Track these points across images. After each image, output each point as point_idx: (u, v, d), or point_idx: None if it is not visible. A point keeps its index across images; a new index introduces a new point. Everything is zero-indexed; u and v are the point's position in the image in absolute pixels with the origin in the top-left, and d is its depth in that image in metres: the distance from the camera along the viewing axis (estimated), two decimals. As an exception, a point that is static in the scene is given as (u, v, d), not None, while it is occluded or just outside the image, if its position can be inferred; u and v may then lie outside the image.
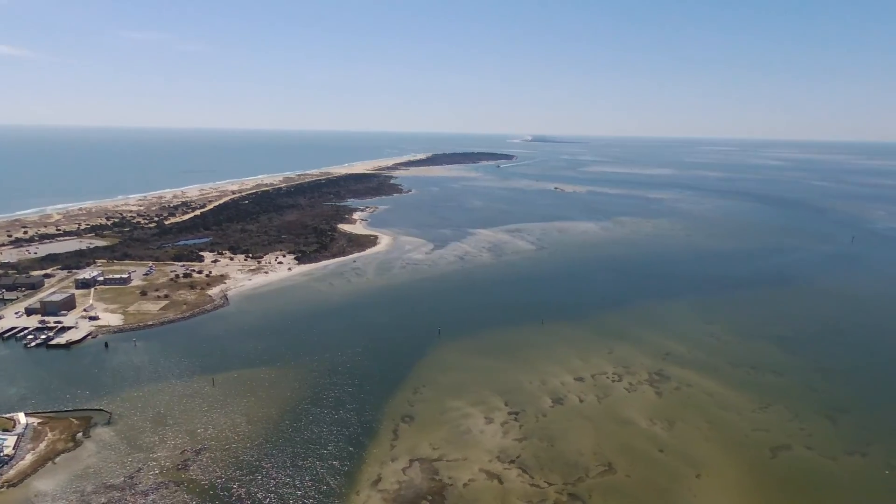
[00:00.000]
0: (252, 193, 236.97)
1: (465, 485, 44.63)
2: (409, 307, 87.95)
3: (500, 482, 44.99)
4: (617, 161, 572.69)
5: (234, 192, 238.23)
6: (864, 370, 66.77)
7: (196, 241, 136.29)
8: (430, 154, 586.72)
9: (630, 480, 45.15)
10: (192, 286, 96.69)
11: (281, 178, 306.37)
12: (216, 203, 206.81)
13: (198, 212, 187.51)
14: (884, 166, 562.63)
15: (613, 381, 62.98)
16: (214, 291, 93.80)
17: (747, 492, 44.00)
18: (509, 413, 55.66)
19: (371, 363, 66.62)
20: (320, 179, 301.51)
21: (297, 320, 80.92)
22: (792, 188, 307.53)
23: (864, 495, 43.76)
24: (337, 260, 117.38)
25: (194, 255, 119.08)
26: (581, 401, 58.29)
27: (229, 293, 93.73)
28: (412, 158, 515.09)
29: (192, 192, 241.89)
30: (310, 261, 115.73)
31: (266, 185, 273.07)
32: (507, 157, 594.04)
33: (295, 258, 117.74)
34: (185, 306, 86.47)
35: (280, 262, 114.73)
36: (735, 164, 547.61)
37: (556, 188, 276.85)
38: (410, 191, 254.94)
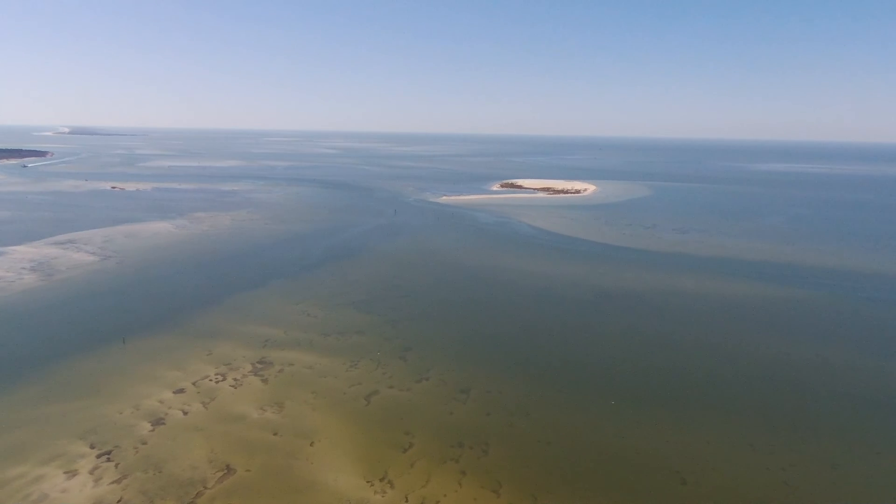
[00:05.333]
0: None
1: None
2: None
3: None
4: (182, 154, 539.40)
5: None
6: (424, 315, 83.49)
7: None
8: None
9: (250, 474, 45.01)
10: None
11: None
12: None
13: None
14: (410, 152, 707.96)
15: (217, 382, 60.78)
16: None
17: (353, 438, 49.94)
18: (98, 456, 47.11)
19: None
20: None
21: None
22: (346, 172, 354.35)
23: (431, 408, 55.42)
24: None
25: None
26: (185, 413, 54.18)
27: None
28: None
29: None
30: None
31: None
32: (39, 153, 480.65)
33: None
34: None
35: None
36: (299, 154, 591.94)
37: (113, 187, 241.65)
38: None
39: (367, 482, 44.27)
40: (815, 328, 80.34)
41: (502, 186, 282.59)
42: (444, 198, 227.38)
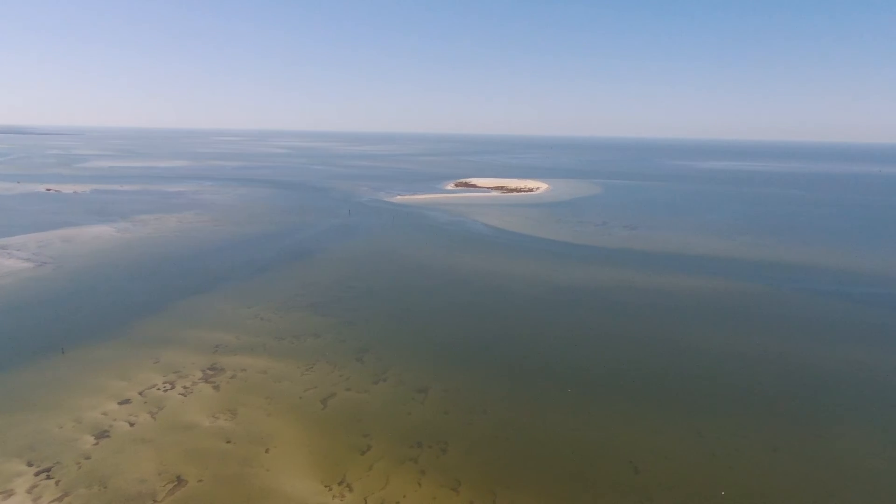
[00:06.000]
0: None
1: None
2: None
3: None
4: (124, 154, 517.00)
5: None
6: (380, 315, 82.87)
7: None
8: None
9: (203, 484, 43.63)
10: None
11: None
12: None
13: None
14: (363, 151, 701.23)
15: (166, 390, 58.57)
16: None
17: (310, 442, 49.14)
18: (37, 473, 44.61)
19: None
20: None
21: None
22: (299, 172, 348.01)
23: (389, 409, 55.12)
24: None
25: None
26: (132, 424, 51.97)
27: None
28: None
29: None
30: None
31: None
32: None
33: None
34: None
35: None
36: (249, 153, 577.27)
37: (48, 189, 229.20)
38: None
39: (325, 487, 43.66)
40: (757, 319, 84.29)
41: (457, 185, 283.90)
42: (399, 197, 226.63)
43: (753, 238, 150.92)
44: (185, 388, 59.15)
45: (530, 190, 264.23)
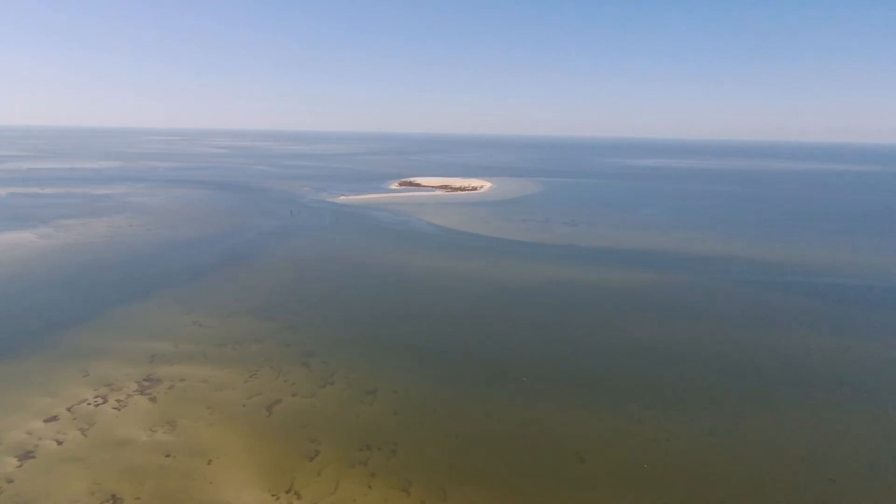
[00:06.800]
0: None
1: None
2: None
3: None
4: (45, 154, 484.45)
5: None
6: (326, 318, 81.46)
7: None
8: None
9: (140, 502, 41.57)
10: None
11: None
12: None
13: None
14: (307, 151, 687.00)
15: (97, 405, 55.42)
16: None
17: (256, 451, 47.74)
18: (-47, 501, 41.28)
19: None
20: None
21: None
22: (237, 173, 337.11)
23: (337, 412, 54.37)
24: None
25: None
26: (60, 443, 48.87)
27: None
28: None
29: None
30: None
31: None
32: None
33: None
34: None
35: None
36: (183, 154, 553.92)
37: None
38: None
39: (273, 496, 42.56)
40: (691, 309, 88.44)
41: (401, 185, 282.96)
42: (342, 197, 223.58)
43: (686, 232, 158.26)
44: (118, 401, 56.19)
45: (474, 188, 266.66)
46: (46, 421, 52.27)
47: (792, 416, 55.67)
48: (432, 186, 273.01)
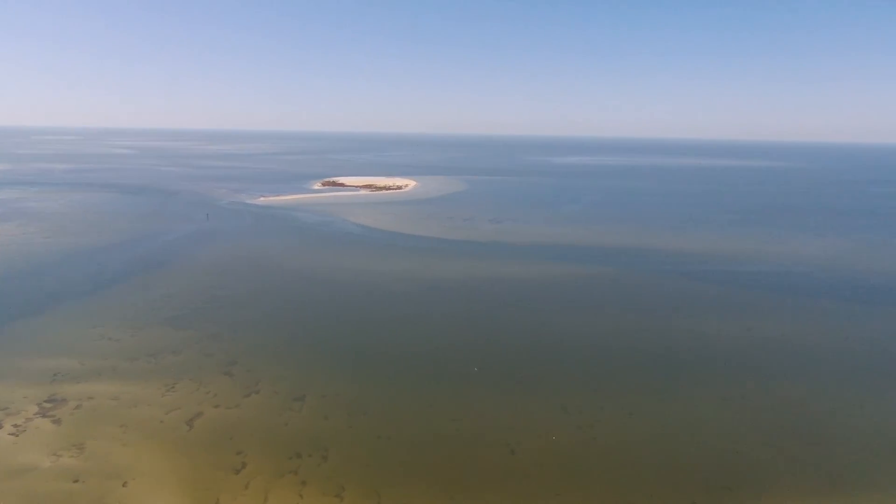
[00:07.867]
0: None
1: None
2: None
3: None
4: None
5: None
6: (248, 324, 78.22)
7: None
8: None
9: (46, 533, 38.26)
10: None
11: None
12: None
13: None
14: (223, 151, 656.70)
15: (-9, 432, 50.35)
16: None
17: (177, 468, 45.16)
18: None
19: None
20: None
21: None
22: (147, 175, 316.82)
23: (263, 422, 52.47)
24: None
25: None
26: (-53, 477, 43.98)
27: None
28: None
29: None
30: None
31: None
32: None
33: None
34: None
35: None
36: (83, 154, 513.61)
37: None
38: None
39: (196, 514, 40.46)
40: (611, 300, 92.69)
41: (324, 185, 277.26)
42: (262, 199, 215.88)
43: (605, 226, 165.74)
44: (16, 426, 51.37)
45: (399, 188, 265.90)
46: (-71, 454, 46.87)
47: (702, 393, 59.77)
48: (356, 186, 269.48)
